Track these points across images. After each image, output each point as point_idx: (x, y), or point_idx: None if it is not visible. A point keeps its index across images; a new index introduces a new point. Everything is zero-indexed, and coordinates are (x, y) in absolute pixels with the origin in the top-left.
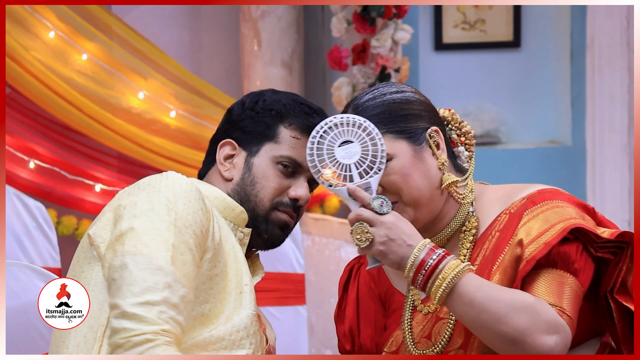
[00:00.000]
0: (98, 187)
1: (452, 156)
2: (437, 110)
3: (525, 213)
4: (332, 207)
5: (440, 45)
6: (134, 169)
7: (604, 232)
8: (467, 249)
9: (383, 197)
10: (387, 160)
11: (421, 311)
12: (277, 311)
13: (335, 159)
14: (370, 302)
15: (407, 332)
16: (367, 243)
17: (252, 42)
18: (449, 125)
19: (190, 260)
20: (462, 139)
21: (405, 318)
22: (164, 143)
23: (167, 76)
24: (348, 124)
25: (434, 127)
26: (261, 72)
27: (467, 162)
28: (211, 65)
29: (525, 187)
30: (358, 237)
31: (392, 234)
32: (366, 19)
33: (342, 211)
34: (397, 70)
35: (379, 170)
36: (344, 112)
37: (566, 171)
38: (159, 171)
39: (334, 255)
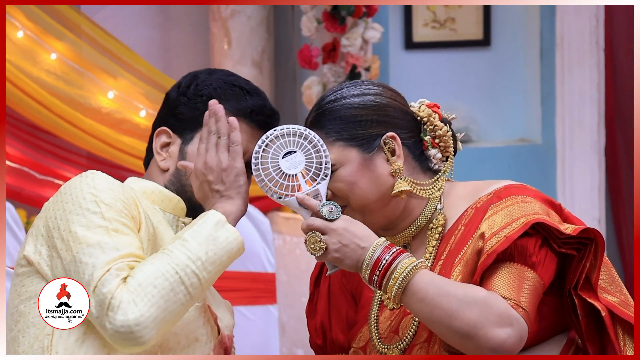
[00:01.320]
0: None
1: (421, 158)
2: (420, 104)
3: (490, 207)
4: None
5: (410, 44)
6: (104, 169)
7: (568, 228)
8: (434, 246)
9: (332, 202)
10: (336, 169)
11: (387, 306)
12: (248, 310)
13: (281, 170)
14: (341, 297)
15: (373, 328)
16: (322, 252)
17: (222, 41)
18: (424, 126)
19: (133, 237)
20: (436, 141)
21: (372, 314)
22: (134, 142)
23: (137, 75)
24: (289, 135)
25: (390, 133)
26: (231, 71)
27: (441, 164)
28: (181, 64)
29: (493, 183)
30: (312, 246)
31: (344, 239)
32: (336, 18)
33: None
34: (367, 69)
35: (326, 177)
36: (308, 114)
37: (536, 169)
38: (130, 171)
39: (305, 255)
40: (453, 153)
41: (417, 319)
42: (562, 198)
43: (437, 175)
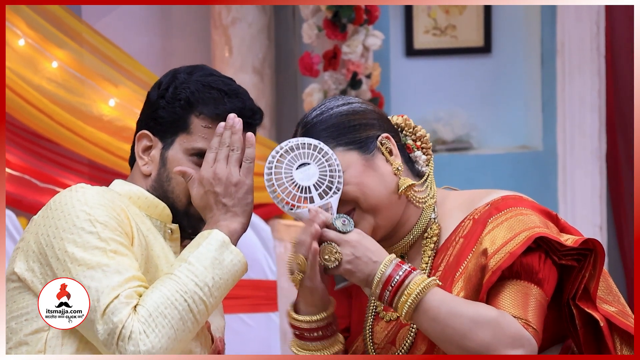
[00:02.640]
0: None
1: (409, 162)
2: (391, 117)
3: (489, 220)
4: None
5: (411, 51)
6: (105, 177)
7: (568, 240)
8: (429, 257)
9: (345, 215)
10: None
11: (383, 318)
12: (249, 318)
13: (294, 181)
14: (342, 297)
15: (368, 340)
16: (337, 263)
17: (223, 49)
18: (403, 132)
19: (132, 255)
20: (418, 143)
21: (367, 325)
22: None
23: (138, 83)
24: (304, 147)
25: (384, 134)
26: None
27: (426, 165)
28: None
29: (488, 193)
30: (327, 257)
31: (357, 252)
32: (337, 25)
33: None
34: (368, 76)
35: (338, 190)
36: (295, 131)
37: (537, 176)
38: None
39: None
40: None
41: (413, 331)
42: (563, 205)
43: (426, 177)
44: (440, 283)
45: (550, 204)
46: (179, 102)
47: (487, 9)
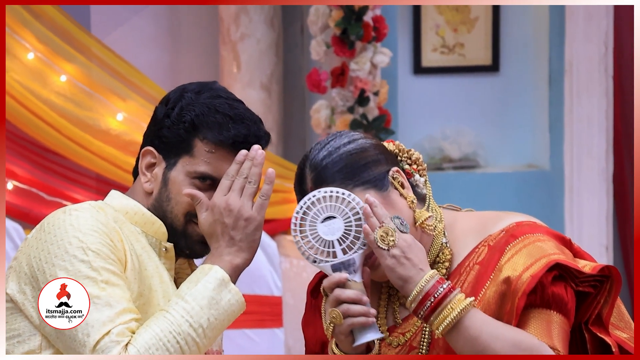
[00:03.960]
0: None
1: (412, 188)
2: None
3: (507, 248)
4: None
5: (419, 68)
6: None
7: (585, 267)
8: None
9: (401, 217)
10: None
11: (390, 344)
12: (254, 334)
13: (318, 235)
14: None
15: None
16: (386, 248)
17: (231, 64)
18: (399, 158)
19: (124, 286)
20: (414, 166)
21: (374, 351)
22: None
23: (146, 98)
24: (331, 199)
25: (395, 168)
26: (240, 94)
27: (424, 187)
28: None
29: (501, 218)
30: (382, 235)
31: (408, 251)
32: (345, 42)
33: None
34: (375, 94)
35: (364, 246)
36: (301, 170)
37: (544, 195)
38: None
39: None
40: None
41: (422, 351)
42: (570, 225)
43: (427, 201)
44: (476, 304)
45: (557, 224)
46: (184, 125)
47: (496, 28)
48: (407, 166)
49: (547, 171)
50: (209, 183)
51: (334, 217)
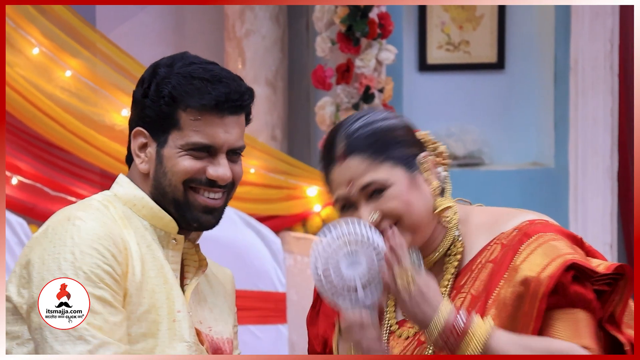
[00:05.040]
0: None
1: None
2: None
3: (521, 247)
4: (315, 226)
5: (424, 65)
6: None
7: (600, 266)
8: (452, 274)
9: (417, 251)
10: (386, 188)
11: (400, 336)
12: (257, 330)
13: (340, 270)
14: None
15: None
16: (406, 287)
17: (236, 61)
18: (425, 147)
19: (109, 314)
20: (439, 159)
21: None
22: None
23: None
24: (356, 236)
25: (425, 153)
26: None
27: (445, 181)
28: None
29: (513, 215)
30: (402, 276)
31: (426, 290)
32: (350, 38)
33: None
34: (380, 91)
35: (382, 284)
36: (332, 137)
37: (549, 193)
38: None
39: None
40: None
41: (431, 348)
42: (574, 222)
43: (447, 193)
44: (492, 324)
45: (561, 222)
46: (163, 100)
47: (501, 26)
48: (432, 157)
49: (552, 169)
50: (204, 153)
51: (356, 253)
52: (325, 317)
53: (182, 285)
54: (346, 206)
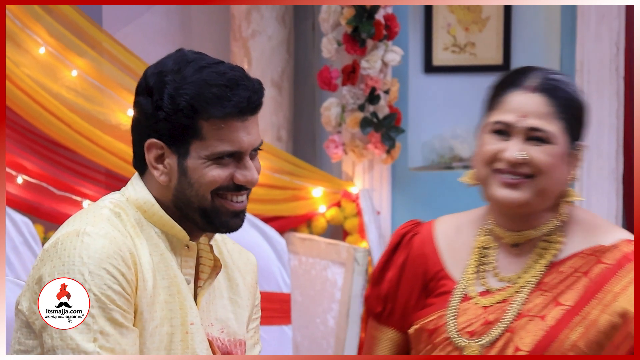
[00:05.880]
0: (85, 203)
1: None
2: None
3: (620, 272)
4: (320, 227)
5: (430, 67)
6: (121, 185)
7: None
8: (545, 266)
9: None
10: (549, 140)
11: (477, 303)
12: (262, 330)
13: None
14: (412, 275)
15: (451, 321)
16: None
17: (242, 61)
18: None
19: (121, 335)
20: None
21: (453, 305)
22: None
23: None
24: None
25: (584, 143)
26: None
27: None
28: None
29: (608, 229)
30: None
31: None
32: (356, 40)
33: (330, 231)
34: (386, 92)
35: None
36: (529, 69)
37: None
38: None
39: (321, 276)
40: None
41: (506, 321)
42: None
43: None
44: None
45: None
46: (182, 112)
47: (507, 27)
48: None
49: None
50: (231, 158)
51: None
52: (392, 277)
53: (196, 287)
54: (500, 132)
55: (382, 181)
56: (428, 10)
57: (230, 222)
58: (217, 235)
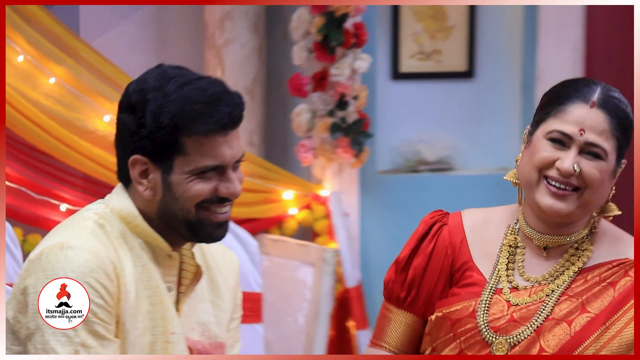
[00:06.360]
0: (64, 206)
1: None
2: None
3: None
4: (290, 229)
5: (397, 74)
6: (98, 190)
7: None
8: (574, 272)
9: None
10: (601, 156)
11: (508, 300)
12: None
13: None
14: (439, 264)
15: (482, 314)
16: None
17: (215, 69)
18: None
19: (102, 347)
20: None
21: (485, 298)
22: None
23: None
24: None
25: (625, 161)
26: None
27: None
28: None
29: (632, 242)
30: None
31: None
32: (326, 48)
33: (300, 233)
34: (355, 98)
35: None
36: (591, 82)
37: (515, 197)
38: None
39: (291, 276)
40: None
41: (536, 323)
42: None
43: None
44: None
45: None
46: (165, 130)
47: (471, 36)
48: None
49: None
50: (214, 172)
51: None
52: (419, 264)
53: (178, 293)
54: (558, 141)
55: (351, 184)
56: (395, 18)
57: (215, 232)
58: None
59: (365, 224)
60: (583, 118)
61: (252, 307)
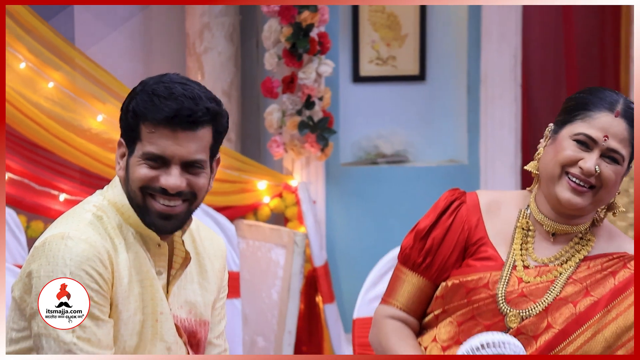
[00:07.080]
0: (62, 196)
1: None
2: None
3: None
4: (264, 215)
5: (357, 77)
6: (93, 181)
7: None
8: (579, 260)
9: None
10: (617, 163)
11: (520, 277)
12: None
13: None
14: (455, 237)
15: (501, 286)
16: None
17: (196, 73)
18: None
19: (97, 327)
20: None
21: (505, 273)
22: None
23: (123, 102)
24: (495, 345)
25: (632, 166)
26: None
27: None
28: None
29: (627, 238)
30: None
31: None
32: (294, 54)
33: (273, 218)
34: (320, 99)
35: None
36: (616, 93)
37: (463, 186)
38: None
39: (265, 257)
40: None
41: (545, 302)
42: None
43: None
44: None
45: None
46: (130, 114)
47: (423, 43)
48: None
49: (466, 165)
50: (158, 163)
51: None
52: (437, 235)
53: (169, 276)
54: (583, 142)
55: (318, 175)
56: (355, 28)
57: (158, 222)
58: (192, 225)
59: (330, 210)
60: (608, 125)
61: (231, 285)
